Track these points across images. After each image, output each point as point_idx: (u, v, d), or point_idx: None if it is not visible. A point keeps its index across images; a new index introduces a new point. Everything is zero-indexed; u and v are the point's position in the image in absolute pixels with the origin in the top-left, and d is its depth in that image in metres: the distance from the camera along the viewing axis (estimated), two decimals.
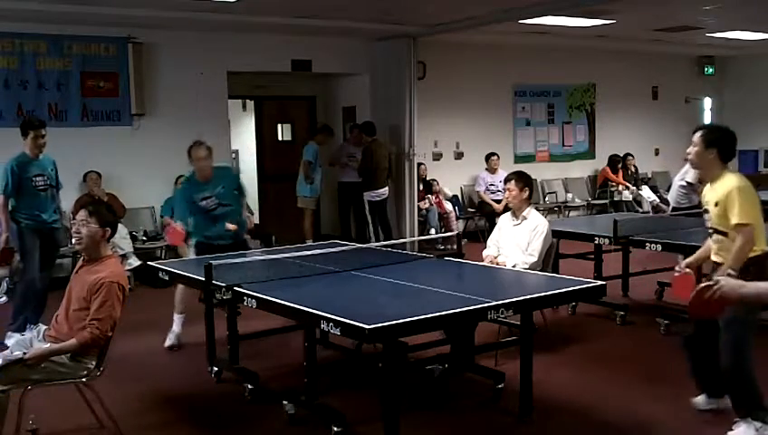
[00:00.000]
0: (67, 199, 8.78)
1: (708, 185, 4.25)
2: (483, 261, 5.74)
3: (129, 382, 5.30)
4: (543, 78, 12.80)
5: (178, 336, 6.31)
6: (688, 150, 4.22)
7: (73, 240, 4.26)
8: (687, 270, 4.34)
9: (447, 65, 11.55)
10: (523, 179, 5.82)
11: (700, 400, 4.51)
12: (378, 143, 10.36)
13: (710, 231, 4.24)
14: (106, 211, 4.29)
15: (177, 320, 6.36)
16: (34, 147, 6.56)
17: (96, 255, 4.18)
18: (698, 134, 4.17)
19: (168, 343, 6.29)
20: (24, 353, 3.88)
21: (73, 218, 4.30)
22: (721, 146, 4.13)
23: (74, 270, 4.30)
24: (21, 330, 6.05)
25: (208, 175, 6.34)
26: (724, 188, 4.05)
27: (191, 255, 6.64)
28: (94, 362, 4.10)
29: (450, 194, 11.52)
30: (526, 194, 5.80)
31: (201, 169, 6.31)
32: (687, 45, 12.98)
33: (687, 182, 7.89)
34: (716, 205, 4.09)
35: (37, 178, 6.50)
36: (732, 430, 4.12)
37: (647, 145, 13.98)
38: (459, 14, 9.36)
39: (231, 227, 6.29)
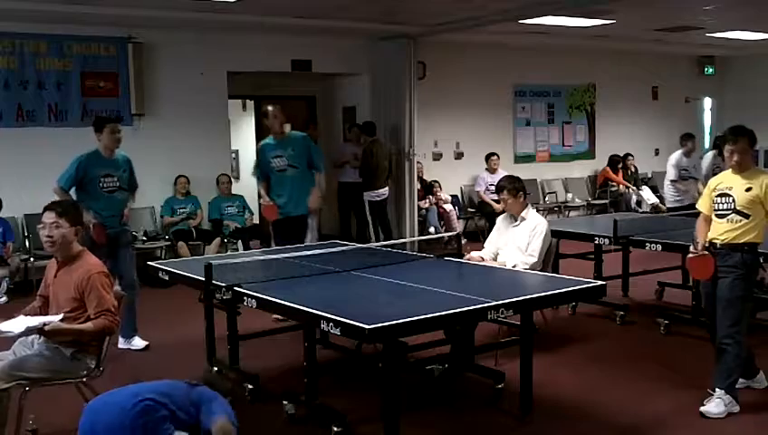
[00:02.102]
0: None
1: (729, 172, 4.61)
2: (482, 261, 5.73)
3: (128, 382, 5.27)
4: (543, 78, 12.79)
5: None
6: (735, 157, 4.50)
7: (44, 244, 4.16)
8: (706, 252, 4.59)
9: (447, 65, 11.55)
10: (514, 185, 5.75)
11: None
12: (378, 143, 10.36)
13: (726, 213, 4.51)
14: (74, 209, 4.27)
15: None
16: (111, 142, 6.16)
17: (70, 253, 4.14)
18: (743, 138, 4.52)
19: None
20: (45, 324, 3.86)
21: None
22: (755, 141, 4.57)
23: (53, 275, 4.21)
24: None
25: (282, 135, 6.79)
26: (763, 178, 4.46)
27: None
28: (94, 362, 4.11)
29: (449, 198, 11.47)
30: (521, 198, 5.76)
31: (278, 126, 6.79)
32: (687, 45, 12.98)
33: (671, 181, 9.07)
34: (748, 190, 4.44)
35: (106, 179, 6.11)
36: (703, 405, 4.47)
37: (647, 145, 13.97)
38: (459, 14, 9.36)
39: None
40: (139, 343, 6.18)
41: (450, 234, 10.02)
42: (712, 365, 4.61)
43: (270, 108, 6.95)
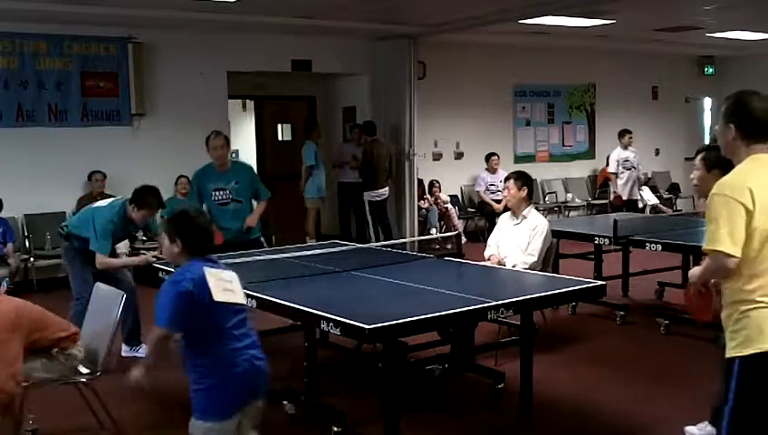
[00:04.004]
0: (69, 199, 8.83)
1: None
2: (483, 261, 5.73)
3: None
4: (543, 78, 12.79)
5: None
6: (692, 175, 4.08)
7: None
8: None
9: (447, 65, 11.54)
10: (522, 179, 5.82)
11: None
12: (378, 143, 10.37)
13: None
14: None
15: None
16: (143, 220, 5.88)
17: None
18: (699, 157, 4.04)
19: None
20: None
21: None
22: (722, 167, 3.68)
23: None
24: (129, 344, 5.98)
25: (225, 165, 6.38)
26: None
27: None
28: (81, 351, 4.10)
29: (448, 198, 11.48)
30: (525, 193, 5.79)
31: (218, 159, 6.35)
32: (687, 45, 12.98)
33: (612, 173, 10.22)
34: None
35: (118, 245, 6.01)
36: None
37: (647, 145, 13.93)
38: (459, 14, 9.36)
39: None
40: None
41: (451, 234, 10.02)
42: (712, 365, 4.60)
43: (212, 137, 6.45)
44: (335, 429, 4.21)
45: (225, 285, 3.19)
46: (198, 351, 3.12)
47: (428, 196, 11.22)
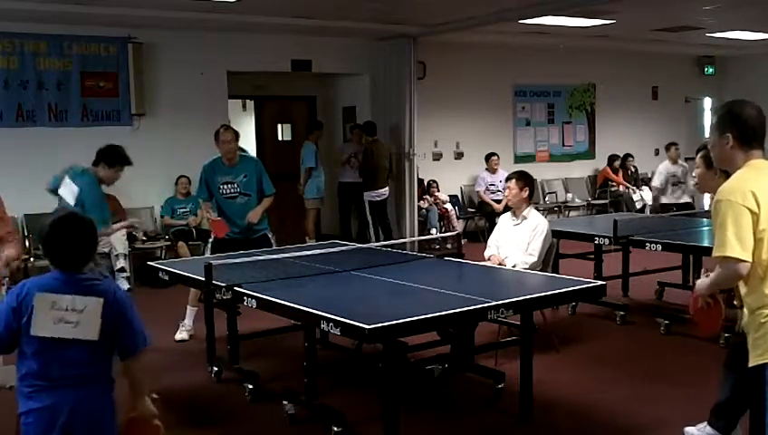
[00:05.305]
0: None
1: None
2: (483, 261, 5.73)
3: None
4: (543, 78, 12.80)
5: (189, 331, 6.43)
6: (694, 174, 4.08)
7: None
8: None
9: (447, 65, 11.55)
10: (523, 179, 5.83)
11: None
12: (378, 143, 10.37)
13: None
14: None
15: (189, 313, 6.42)
16: (112, 180, 5.95)
17: None
18: (699, 155, 4.07)
19: (178, 336, 6.37)
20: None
21: None
22: None
23: None
24: None
25: (233, 159, 6.38)
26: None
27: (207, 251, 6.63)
28: None
29: (447, 198, 11.48)
30: (526, 193, 5.81)
31: (226, 153, 6.35)
32: (687, 45, 12.98)
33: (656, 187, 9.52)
34: None
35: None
36: None
37: (647, 145, 13.96)
38: (459, 14, 9.37)
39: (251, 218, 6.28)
40: None
41: (450, 234, 10.02)
42: (712, 365, 4.61)
43: (222, 131, 6.45)
44: (335, 429, 4.20)
45: (63, 315, 2.76)
46: (18, 361, 2.86)
47: (428, 196, 11.23)
